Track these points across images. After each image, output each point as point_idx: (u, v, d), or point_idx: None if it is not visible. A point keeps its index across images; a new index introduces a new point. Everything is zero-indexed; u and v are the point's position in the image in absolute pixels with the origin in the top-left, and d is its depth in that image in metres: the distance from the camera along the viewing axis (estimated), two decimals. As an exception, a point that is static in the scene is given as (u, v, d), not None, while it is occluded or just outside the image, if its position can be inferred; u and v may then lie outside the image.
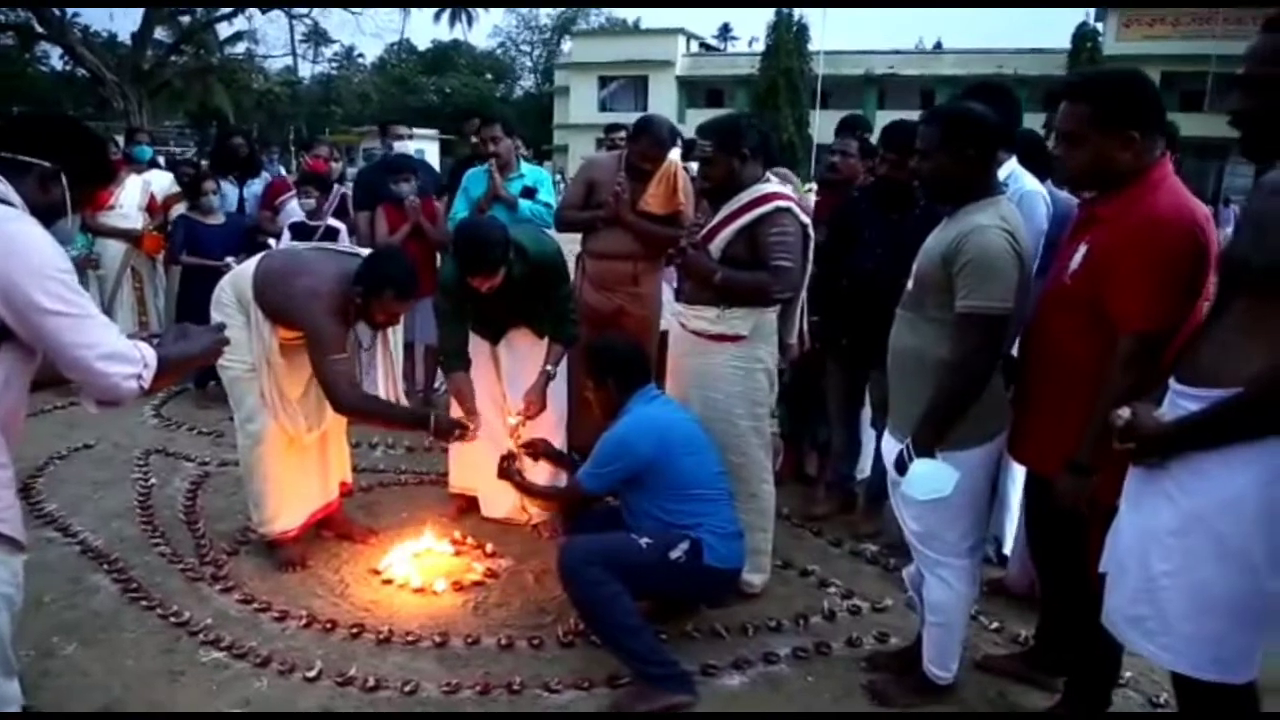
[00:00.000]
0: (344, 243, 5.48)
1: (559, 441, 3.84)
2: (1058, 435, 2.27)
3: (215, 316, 3.28)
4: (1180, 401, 1.78)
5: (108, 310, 5.98)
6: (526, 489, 3.24)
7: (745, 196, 3.07)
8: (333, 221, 5.55)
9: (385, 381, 3.64)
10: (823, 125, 33.12)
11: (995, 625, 3.08)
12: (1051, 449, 2.29)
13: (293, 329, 3.26)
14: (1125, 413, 1.82)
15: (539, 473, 3.75)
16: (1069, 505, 2.20)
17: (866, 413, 4.04)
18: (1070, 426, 2.21)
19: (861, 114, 5.13)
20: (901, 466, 2.40)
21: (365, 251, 3.44)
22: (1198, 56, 32.36)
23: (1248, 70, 1.70)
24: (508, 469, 3.18)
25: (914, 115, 3.11)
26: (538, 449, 3.31)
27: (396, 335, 3.99)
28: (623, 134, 5.46)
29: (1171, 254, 2.05)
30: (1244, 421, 1.64)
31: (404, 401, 3.67)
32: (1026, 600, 3.12)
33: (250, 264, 3.37)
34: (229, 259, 5.33)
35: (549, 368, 3.57)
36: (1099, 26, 34.70)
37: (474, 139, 5.07)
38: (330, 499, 3.65)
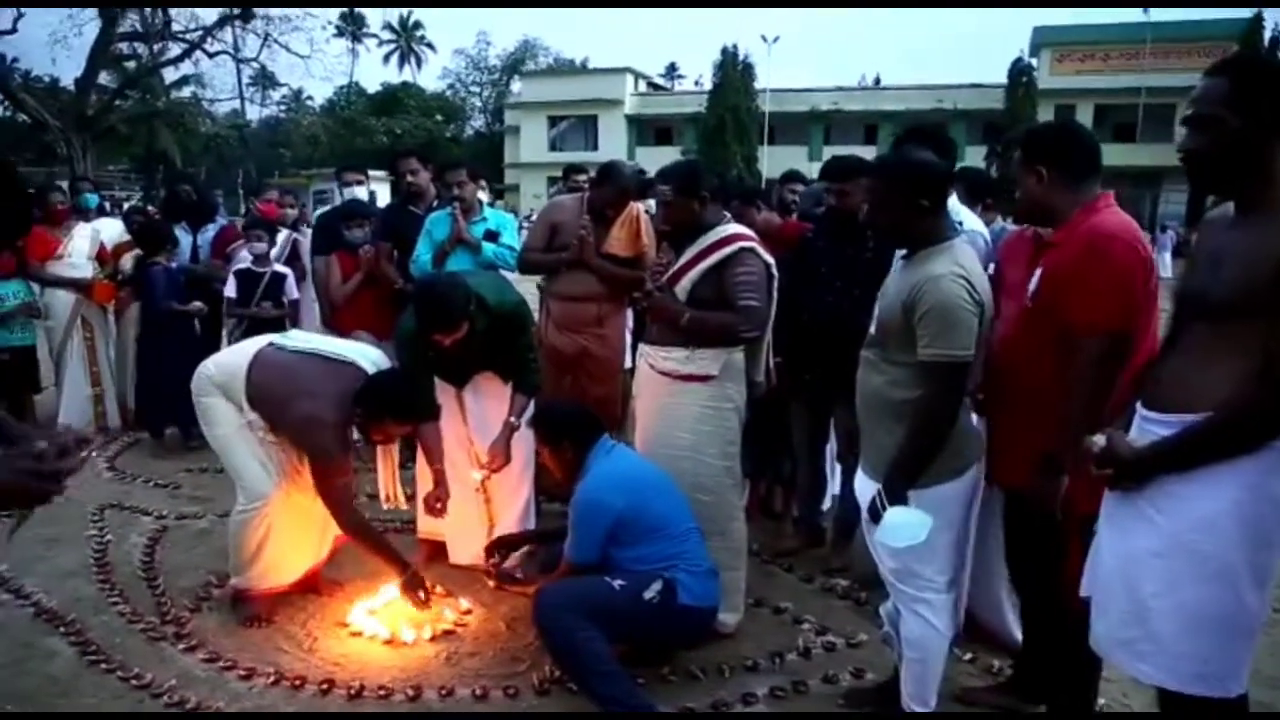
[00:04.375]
0: (291, 289, 5.47)
1: (526, 489, 3.83)
2: (1031, 449, 2.37)
3: (195, 393, 3.32)
4: (1149, 427, 1.85)
5: (57, 362, 5.85)
6: (525, 584, 3.24)
7: (709, 238, 3.12)
8: (279, 268, 5.51)
9: (384, 474, 3.62)
10: (771, 161, 33.72)
11: (969, 657, 3.10)
12: (1025, 463, 2.39)
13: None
14: (1100, 439, 1.88)
15: (510, 514, 3.74)
16: (1045, 507, 2.33)
17: (831, 446, 4.09)
18: (1045, 438, 2.33)
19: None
20: (875, 514, 2.43)
21: (360, 357, 3.37)
22: (1128, 89, 33.67)
23: (1195, 111, 1.79)
24: (499, 577, 3.22)
25: (859, 149, 3.20)
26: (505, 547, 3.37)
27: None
28: (583, 176, 5.54)
29: (1121, 261, 2.27)
30: (1216, 444, 1.71)
31: (402, 497, 3.64)
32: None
33: (240, 361, 3.31)
34: (196, 304, 5.47)
35: (513, 419, 3.56)
36: (1034, 62, 35.90)
37: (408, 179, 5.11)
38: (320, 556, 3.56)
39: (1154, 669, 1.82)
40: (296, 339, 3.49)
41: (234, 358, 3.38)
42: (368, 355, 3.42)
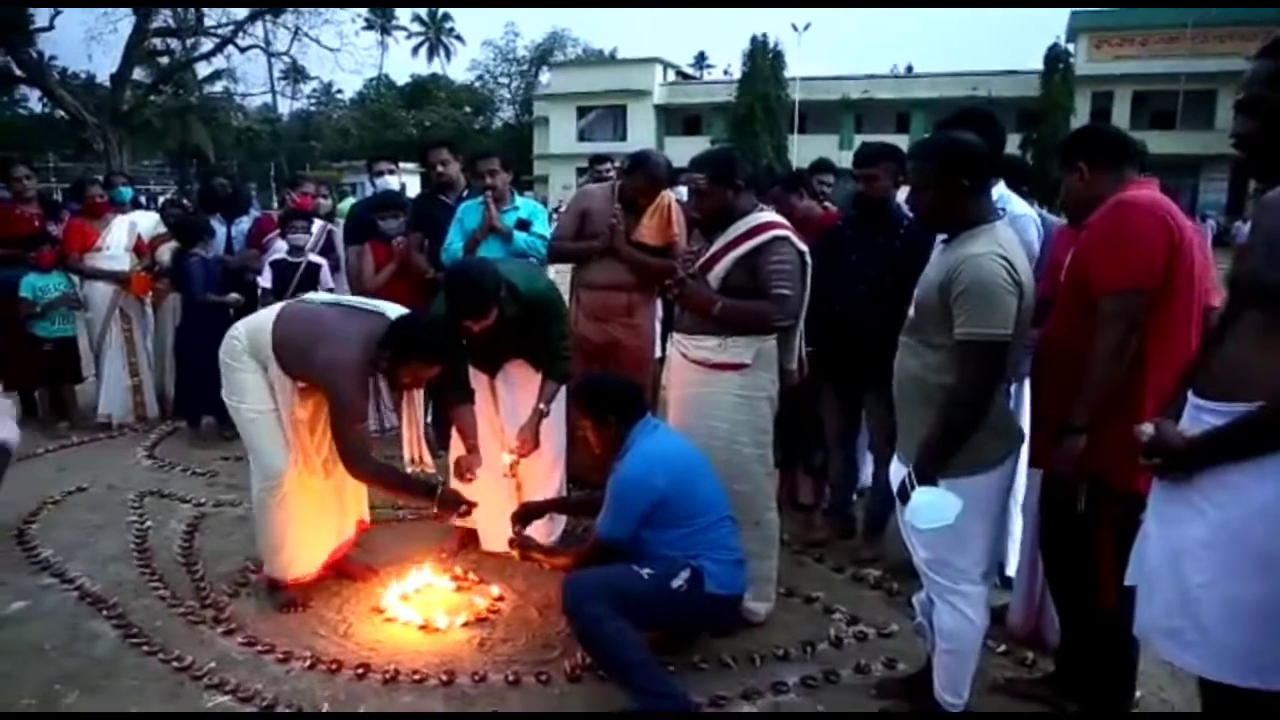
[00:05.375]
0: (325, 279, 5.53)
1: (557, 476, 3.84)
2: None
3: (227, 359, 3.31)
4: (1201, 416, 1.81)
5: (97, 352, 5.95)
6: (549, 556, 3.24)
7: (742, 226, 3.10)
8: (314, 258, 5.56)
9: (410, 439, 3.64)
10: (801, 150, 33.48)
11: (1002, 649, 3.07)
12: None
13: (308, 382, 3.26)
14: (1149, 429, 1.85)
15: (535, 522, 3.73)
16: (1057, 469, 2.43)
17: (863, 437, 4.07)
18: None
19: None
20: (904, 495, 2.41)
21: (387, 308, 3.39)
22: (1168, 75, 32.97)
23: (1247, 94, 1.77)
24: (522, 544, 3.18)
25: (891, 138, 3.20)
26: (529, 515, 3.36)
27: (420, 396, 4.01)
28: (608, 166, 5.55)
29: (1139, 222, 2.33)
30: (1269, 433, 1.68)
31: (428, 457, 3.65)
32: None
33: (267, 317, 3.34)
34: (234, 295, 5.50)
35: (542, 406, 3.57)
36: (1070, 47, 35.28)
37: (438, 169, 5.14)
38: (346, 538, 3.61)
39: (1200, 660, 1.79)
40: (323, 295, 3.51)
41: (260, 316, 3.41)
42: (395, 308, 3.41)
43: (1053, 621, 2.99)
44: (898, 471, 2.53)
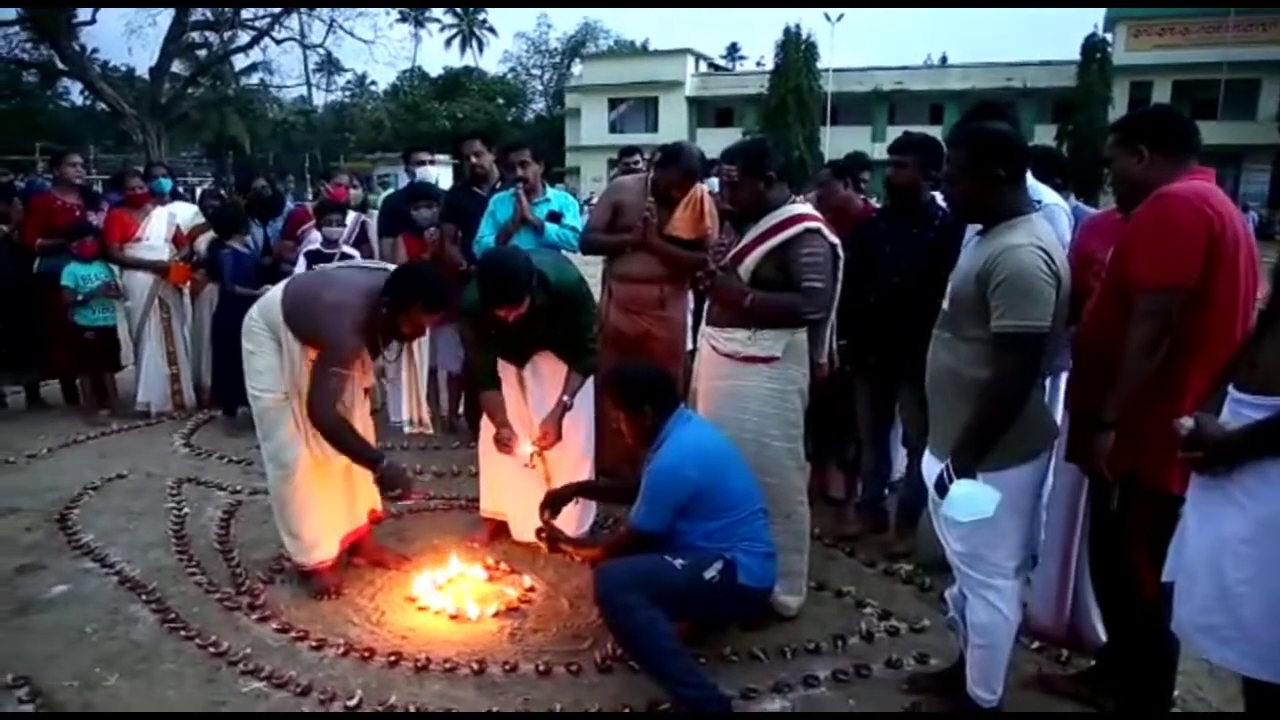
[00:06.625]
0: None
1: (586, 468, 3.84)
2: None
3: (246, 345, 3.34)
4: (1242, 410, 1.79)
5: (136, 341, 6.05)
6: (578, 547, 3.27)
7: (774, 218, 3.08)
8: (348, 249, 5.59)
9: (409, 400, 3.66)
10: (833, 142, 33.20)
11: (1036, 645, 3.04)
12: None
13: (318, 346, 3.27)
14: (1189, 422, 1.82)
15: (566, 513, 3.63)
16: (1088, 462, 2.40)
17: (896, 430, 4.03)
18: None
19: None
20: (941, 488, 2.38)
21: (392, 267, 3.47)
22: (1209, 64, 32.24)
23: None
24: (552, 537, 3.19)
25: (924, 130, 3.17)
26: (557, 501, 3.33)
27: (422, 355, 3.96)
28: (636, 158, 5.53)
29: (1178, 216, 2.22)
30: None
31: (428, 423, 3.68)
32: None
33: (278, 288, 3.39)
34: (267, 286, 5.45)
35: (566, 398, 3.58)
36: (1108, 37, 34.61)
37: (472, 161, 5.14)
38: (357, 524, 3.65)
39: (1239, 656, 1.77)
40: (334, 264, 3.55)
41: (273, 290, 3.45)
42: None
43: (1086, 617, 2.95)
44: (930, 466, 2.51)
